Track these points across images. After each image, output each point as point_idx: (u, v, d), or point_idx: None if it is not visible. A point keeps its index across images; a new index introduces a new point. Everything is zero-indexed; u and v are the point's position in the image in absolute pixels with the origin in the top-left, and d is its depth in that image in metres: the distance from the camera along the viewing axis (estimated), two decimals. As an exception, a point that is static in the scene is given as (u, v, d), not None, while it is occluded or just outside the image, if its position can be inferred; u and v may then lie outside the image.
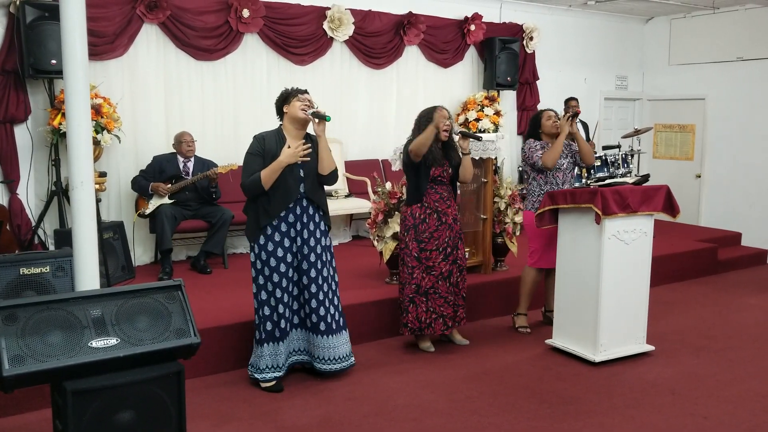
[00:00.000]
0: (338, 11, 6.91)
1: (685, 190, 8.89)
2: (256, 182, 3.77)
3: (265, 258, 3.88)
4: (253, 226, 3.91)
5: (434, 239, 4.52)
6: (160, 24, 6.10)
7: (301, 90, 3.94)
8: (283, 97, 3.96)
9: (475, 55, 8.17)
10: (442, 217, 4.53)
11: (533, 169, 4.90)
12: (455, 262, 4.61)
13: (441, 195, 4.54)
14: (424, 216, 4.50)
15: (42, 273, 3.49)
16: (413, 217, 4.51)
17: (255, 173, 3.78)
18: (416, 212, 4.51)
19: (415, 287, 4.52)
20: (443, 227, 4.54)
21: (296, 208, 3.90)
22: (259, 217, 3.86)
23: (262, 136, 3.90)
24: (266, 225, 3.85)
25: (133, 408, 2.62)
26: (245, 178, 3.82)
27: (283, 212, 3.86)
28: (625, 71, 9.54)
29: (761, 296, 6.36)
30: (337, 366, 4.09)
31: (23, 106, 5.54)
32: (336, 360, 4.08)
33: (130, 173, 5.97)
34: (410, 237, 4.52)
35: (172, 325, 2.75)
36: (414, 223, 4.50)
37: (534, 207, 4.89)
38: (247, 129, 5.51)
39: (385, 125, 7.59)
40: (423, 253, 4.51)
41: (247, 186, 3.81)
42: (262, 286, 3.92)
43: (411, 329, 4.58)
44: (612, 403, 3.87)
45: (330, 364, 4.06)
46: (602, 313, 4.37)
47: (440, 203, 4.53)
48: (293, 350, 4.10)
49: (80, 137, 2.98)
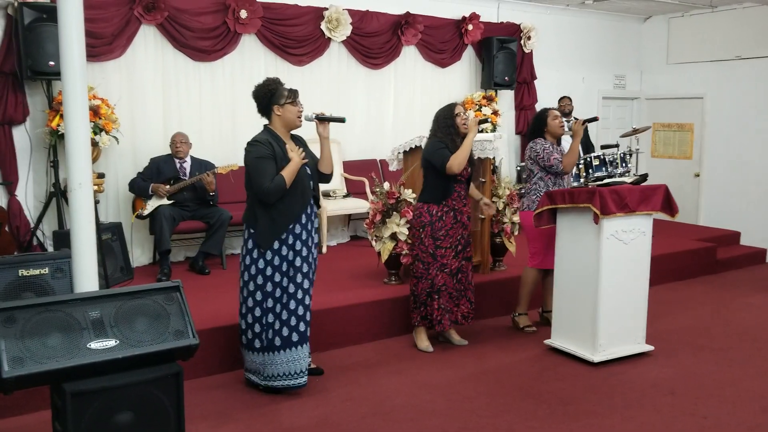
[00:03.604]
0: (336, 11, 6.92)
1: (684, 189, 8.90)
2: (281, 184, 3.69)
3: (278, 263, 3.79)
4: (267, 232, 3.77)
5: (449, 237, 4.54)
6: (157, 25, 6.10)
7: (293, 91, 3.85)
8: (270, 94, 3.80)
9: (472, 55, 8.17)
10: (458, 216, 4.56)
11: (544, 169, 4.86)
12: (466, 259, 4.66)
13: (459, 193, 4.57)
14: (441, 214, 4.51)
15: (41, 274, 3.49)
16: (429, 214, 4.51)
17: (275, 177, 3.70)
18: (433, 209, 4.51)
19: (430, 283, 4.54)
20: (457, 225, 4.57)
21: (307, 207, 3.89)
22: (276, 221, 3.76)
23: (266, 140, 3.78)
24: (284, 230, 3.77)
25: (132, 409, 2.62)
26: (266, 182, 3.68)
27: (300, 212, 3.83)
28: (623, 70, 9.54)
29: (760, 295, 6.37)
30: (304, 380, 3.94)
31: (21, 107, 5.54)
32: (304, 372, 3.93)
33: (129, 174, 5.97)
34: (426, 233, 4.52)
35: (170, 327, 2.75)
36: (431, 220, 4.51)
37: (535, 206, 4.89)
38: (245, 130, 5.51)
39: (383, 125, 7.59)
40: (438, 250, 4.52)
41: (273, 190, 3.68)
42: (270, 293, 3.81)
43: (431, 323, 4.59)
44: (611, 403, 3.88)
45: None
46: (601, 313, 4.37)
47: (458, 201, 4.56)
48: None
49: (78, 138, 2.99)
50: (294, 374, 3.86)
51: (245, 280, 3.88)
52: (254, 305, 3.86)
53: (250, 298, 3.87)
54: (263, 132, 3.87)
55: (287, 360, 3.84)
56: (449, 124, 4.51)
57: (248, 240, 3.86)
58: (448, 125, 4.51)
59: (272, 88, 3.82)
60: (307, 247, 3.88)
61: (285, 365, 3.84)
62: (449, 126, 4.50)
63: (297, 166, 3.75)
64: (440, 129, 4.51)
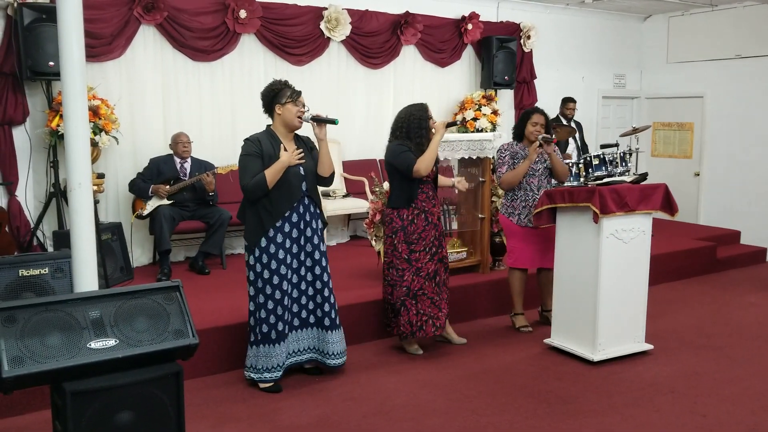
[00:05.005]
0: (335, 11, 6.92)
1: (684, 188, 8.90)
2: (261, 182, 3.73)
3: (266, 261, 3.85)
4: (254, 229, 3.85)
5: (422, 239, 4.46)
6: (157, 25, 6.10)
7: (296, 92, 3.88)
8: (273, 93, 3.86)
9: (472, 55, 8.17)
10: (428, 217, 4.48)
11: None
12: (441, 260, 4.58)
13: (427, 194, 4.48)
14: (412, 217, 4.43)
15: (41, 274, 3.49)
16: (401, 219, 4.43)
17: (257, 174, 3.74)
18: (404, 214, 4.43)
19: (406, 290, 4.45)
20: (429, 227, 4.48)
21: (299, 206, 3.90)
22: (263, 219, 3.82)
23: (257, 138, 3.84)
24: (270, 227, 3.81)
25: (132, 409, 2.62)
26: (247, 179, 3.76)
27: (288, 212, 3.85)
28: (623, 69, 9.54)
29: (760, 294, 6.37)
30: (341, 360, 4.14)
31: (21, 108, 5.54)
32: (341, 354, 4.14)
33: (128, 174, 5.97)
34: (399, 239, 4.44)
35: (170, 326, 2.75)
36: (402, 225, 4.43)
37: (506, 211, 5.01)
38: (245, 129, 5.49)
39: (383, 125, 7.56)
40: (413, 254, 4.44)
41: (251, 187, 3.74)
42: (260, 289, 3.89)
43: (401, 333, 4.51)
44: (611, 402, 3.88)
45: (337, 359, 4.12)
46: (601, 312, 4.37)
47: (427, 203, 4.47)
48: (299, 350, 4.07)
49: (78, 139, 2.98)
50: (271, 369, 3.94)
51: (246, 276, 4.00)
52: (250, 300, 3.98)
53: (248, 293, 4.01)
54: (262, 131, 3.91)
55: (280, 353, 3.93)
56: (423, 126, 4.37)
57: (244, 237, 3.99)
58: (422, 127, 4.36)
59: (277, 88, 3.87)
60: (298, 245, 3.92)
61: (278, 358, 3.93)
62: (423, 128, 4.36)
63: (283, 166, 3.77)
64: (411, 130, 4.34)
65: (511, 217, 4.97)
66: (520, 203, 4.92)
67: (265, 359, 3.94)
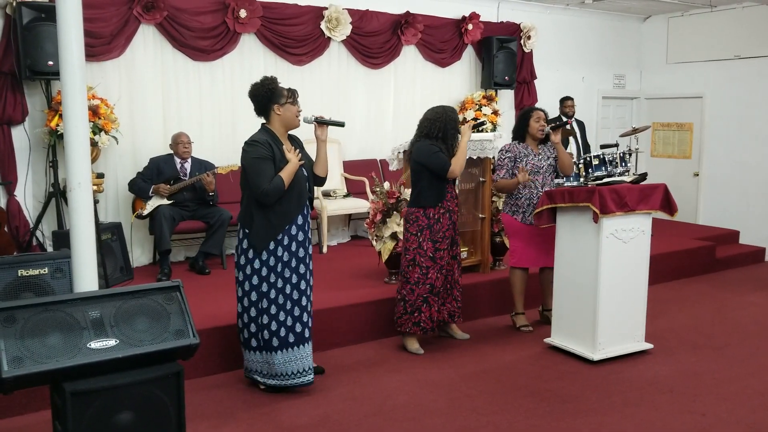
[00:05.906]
0: (335, 11, 6.91)
1: (683, 188, 8.90)
2: (280, 186, 3.67)
3: (273, 264, 3.78)
4: (263, 234, 3.75)
5: (446, 238, 4.54)
6: (157, 25, 6.09)
7: (293, 91, 3.83)
8: (269, 93, 3.77)
9: (472, 55, 8.17)
10: (452, 216, 4.57)
11: None
12: (455, 257, 4.67)
13: (451, 194, 4.57)
14: (438, 216, 4.50)
15: (40, 274, 3.48)
16: (427, 218, 4.48)
17: (274, 178, 3.68)
18: (430, 212, 4.48)
19: (430, 287, 4.50)
20: (451, 225, 4.57)
21: (303, 208, 3.88)
22: (271, 223, 3.74)
23: (265, 140, 3.75)
24: (281, 231, 3.76)
25: (132, 409, 2.62)
26: (265, 184, 3.66)
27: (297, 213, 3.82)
28: (623, 70, 9.54)
29: (759, 294, 6.37)
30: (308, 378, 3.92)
31: (20, 107, 5.53)
32: (308, 371, 3.92)
33: (128, 174, 5.97)
34: (425, 237, 4.47)
35: (170, 326, 2.75)
36: (429, 223, 4.48)
37: (510, 209, 4.98)
38: (245, 129, 5.50)
39: (383, 125, 7.59)
40: (438, 252, 4.50)
41: (272, 191, 3.67)
42: (264, 294, 3.80)
43: (423, 329, 4.54)
44: (611, 401, 3.88)
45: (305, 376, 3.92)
46: (601, 312, 4.37)
47: (451, 202, 4.56)
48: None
49: (78, 138, 2.98)
50: (293, 374, 3.86)
51: (240, 280, 3.87)
52: (249, 305, 3.86)
53: (245, 297, 3.86)
54: (261, 132, 3.84)
55: (285, 360, 3.84)
56: (455, 128, 4.49)
57: (243, 240, 3.84)
58: (455, 129, 4.49)
59: (271, 87, 3.78)
60: (303, 248, 3.87)
61: (283, 366, 3.84)
62: (455, 129, 4.49)
63: (295, 168, 3.75)
64: (449, 132, 4.44)
65: (515, 215, 4.96)
66: (525, 201, 4.90)
67: (287, 365, 3.82)
